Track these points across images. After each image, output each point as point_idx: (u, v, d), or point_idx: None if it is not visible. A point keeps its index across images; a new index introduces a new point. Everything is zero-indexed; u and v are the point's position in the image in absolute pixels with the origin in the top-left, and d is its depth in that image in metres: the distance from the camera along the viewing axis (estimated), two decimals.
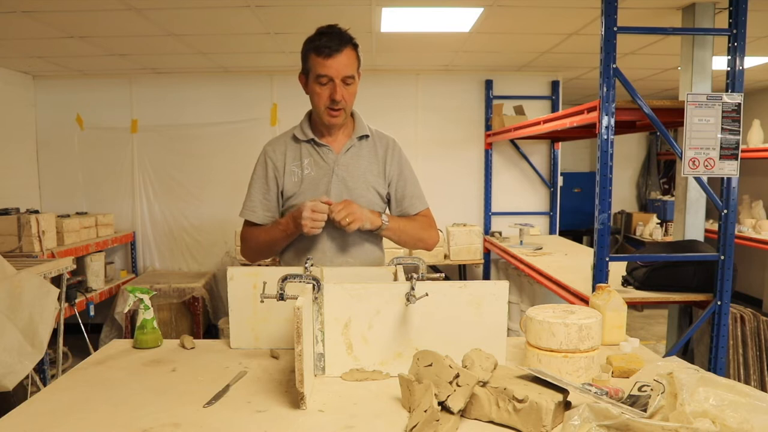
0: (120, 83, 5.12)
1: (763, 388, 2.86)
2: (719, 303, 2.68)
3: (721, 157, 2.56)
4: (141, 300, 1.77)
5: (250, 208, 1.93)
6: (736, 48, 2.60)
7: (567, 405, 1.24)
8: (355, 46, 1.80)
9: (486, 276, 5.32)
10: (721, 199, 2.67)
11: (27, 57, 4.34)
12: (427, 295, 1.44)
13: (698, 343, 3.02)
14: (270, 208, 1.92)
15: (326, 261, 1.85)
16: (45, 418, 1.25)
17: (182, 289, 4.63)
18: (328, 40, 1.74)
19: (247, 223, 1.97)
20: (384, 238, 1.96)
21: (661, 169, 7.69)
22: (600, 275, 2.63)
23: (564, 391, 1.21)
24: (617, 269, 2.90)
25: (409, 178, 1.97)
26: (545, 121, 3.79)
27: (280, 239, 1.85)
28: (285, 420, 1.24)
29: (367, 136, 1.93)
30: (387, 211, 1.97)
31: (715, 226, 2.98)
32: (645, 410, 1.12)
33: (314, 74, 1.77)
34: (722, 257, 2.67)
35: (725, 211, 2.66)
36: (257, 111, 5.16)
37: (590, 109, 2.84)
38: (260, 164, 1.93)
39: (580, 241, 6.03)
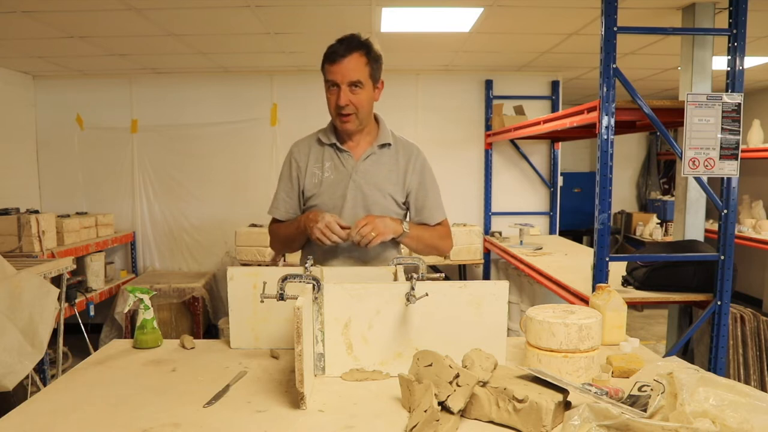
0: (120, 83, 5.12)
1: (763, 388, 2.86)
2: (719, 303, 2.68)
3: (721, 157, 2.56)
4: (141, 300, 1.77)
5: (274, 206, 2.02)
6: (736, 48, 2.60)
7: (567, 405, 1.24)
8: (368, 52, 1.82)
9: (486, 276, 5.32)
10: (721, 199, 2.67)
11: (27, 57, 4.34)
12: (427, 295, 1.44)
13: (698, 343, 3.02)
14: (292, 206, 1.99)
15: (337, 255, 1.90)
16: (45, 418, 1.26)
17: (182, 289, 4.62)
18: (338, 46, 1.79)
19: (274, 219, 2.05)
20: (398, 246, 2.00)
21: (661, 169, 7.69)
22: (600, 275, 2.63)
23: (564, 391, 1.21)
24: (617, 269, 2.90)
25: (430, 188, 1.99)
26: (545, 121, 3.78)
27: (294, 234, 1.92)
28: (285, 420, 1.24)
29: (389, 145, 1.95)
30: (407, 218, 2.00)
31: (715, 226, 2.98)
32: (645, 410, 1.12)
33: (325, 80, 1.83)
34: (722, 257, 2.67)
35: (725, 211, 2.66)
36: (257, 111, 5.16)
37: (590, 109, 2.84)
38: (286, 163, 2.00)
39: (580, 241, 6.02)
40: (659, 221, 6.46)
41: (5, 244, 3.79)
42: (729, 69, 2.63)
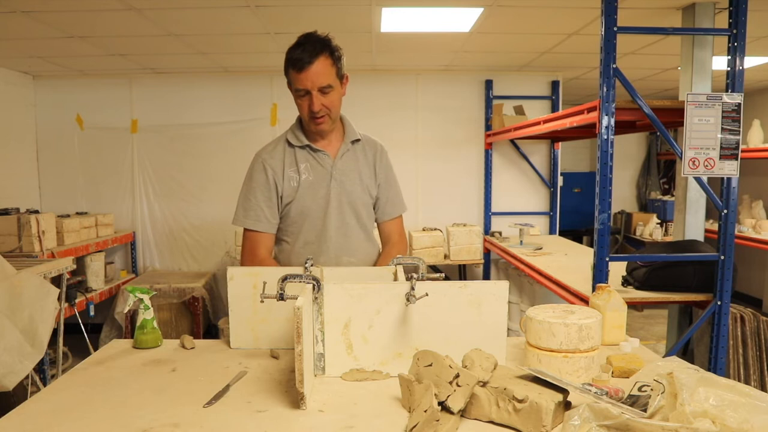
0: (120, 83, 5.12)
1: (763, 388, 2.86)
2: (719, 303, 2.68)
3: (721, 157, 2.56)
4: (141, 300, 1.77)
5: (253, 218, 1.92)
6: (736, 48, 2.60)
7: (567, 405, 1.24)
8: (332, 53, 1.80)
9: (486, 276, 5.31)
10: (721, 199, 2.67)
11: (27, 57, 4.34)
12: (427, 295, 1.44)
13: (698, 343, 3.02)
14: (274, 216, 1.94)
15: (330, 255, 1.92)
16: (45, 418, 1.25)
17: (182, 289, 4.62)
18: (302, 52, 1.76)
19: (249, 230, 1.94)
20: (376, 236, 2.10)
21: (661, 169, 7.69)
22: (600, 275, 2.63)
23: (564, 391, 1.21)
24: (617, 269, 2.90)
25: (393, 183, 2.06)
26: (545, 121, 3.78)
27: None
28: (285, 420, 1.24)
29: (358, 140, 1.99)
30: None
31: (715, 226, 2.98)
32: (645, 410, 1.12)
33: (293, 88, 1.84)
34: (722, 257, 2.67)
35: (725, 211, 2.66)
36: (257, 111, 5.16)
37: (590, 109, 2.84)
38: (258, 171, 1.93)
39: (580, 241, 6.03)
40: (659, 221, 6.47)
41: (5, 244, 3.78)
42: (729, 69, 2.63)
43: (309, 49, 1.76)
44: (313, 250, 1.91)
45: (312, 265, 1.69)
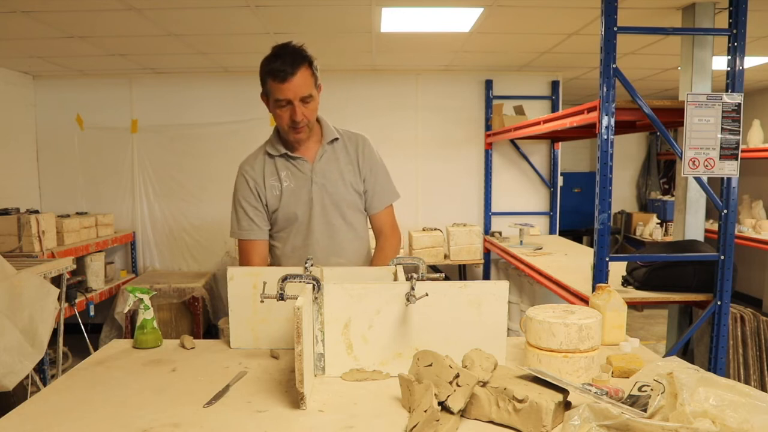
0: (120, 83, 5.12)
1: (763, 388, 2.86)
2: (719, 303, 2.68)
3: (721, 157, 2.56)
4: (141, 300, 1.77)
5: (247, 227, 1.97)
6: (736, 48, 2.60)
7: (567, 405, 1.24)
8: (310, 64, 1.82)
9: (486, 276, 5.31)
10: (721, 199, 2.67)
11: (27, 57, 4.33)
12: (427, 295, 1.44)
13: (698, 343, 3.02)
14: (263, 222, 1.98)
15: (318, 256, 1.92)
16: (45, 418, 1.25)
17: (182, 289, 4.62)
18: (282, 63, 1.77)
19: (247, 244, 1.99)
20: (369, 234, 2.10)
21: (661, 169, 7.69)
22: (600, 275, 2.63)
23: (564, 391, 1.21)
24: (617, 269, 2.90)
25: (379, 173, 2.04)
26: (545, 121, 3.78)
27: None
28: (285, 420, 1.24)
29: (336, 139, 1.99)
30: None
31: (715, 226, 2.98)
32: (645, 410, 1.12)
33: (273, 98, 1.82)
34: (722, 257, 2.67)
35: (725, 211, 2.66)
36: (257, 111, 5.14)
37: (590, 109, 2.84)
38: (241, 183, 1.97)
39: (580, 241, 6.02)
40: (659, 221, 6.47)
41: (5, 244, 3.78)
42: (729, 69, 2.63)
43: (289, 60, 1.77)
44: (301, 254, 1.93)
45: (312, 265, 1.69)
